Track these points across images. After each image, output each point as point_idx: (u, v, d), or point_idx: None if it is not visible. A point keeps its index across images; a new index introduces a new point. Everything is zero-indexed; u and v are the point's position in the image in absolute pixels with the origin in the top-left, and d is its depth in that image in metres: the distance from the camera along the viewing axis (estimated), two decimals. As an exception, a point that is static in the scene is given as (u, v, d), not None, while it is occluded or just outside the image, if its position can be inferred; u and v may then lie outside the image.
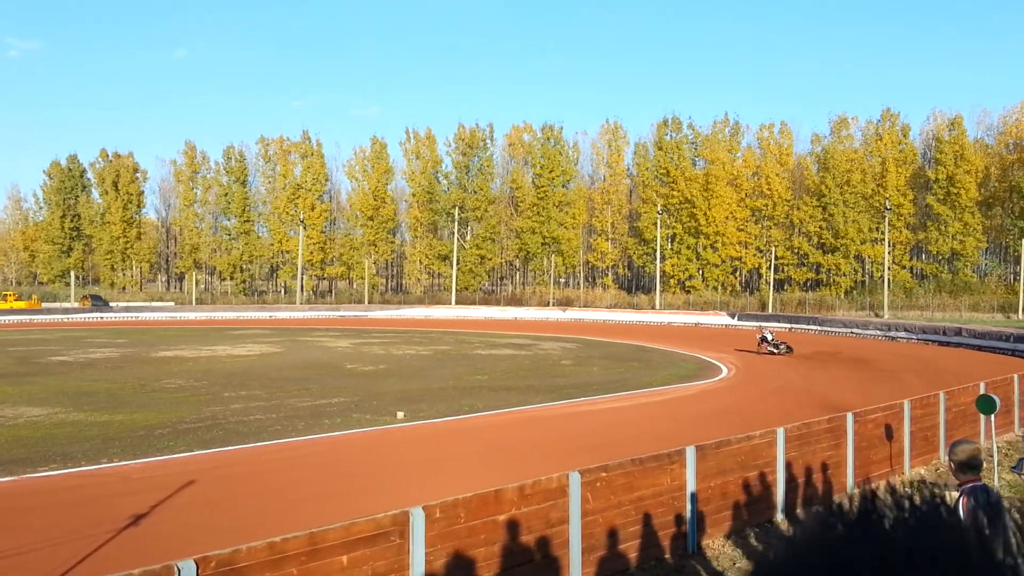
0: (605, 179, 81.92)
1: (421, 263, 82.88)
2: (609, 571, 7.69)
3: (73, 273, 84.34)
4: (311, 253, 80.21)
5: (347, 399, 20.27)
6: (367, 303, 75.56)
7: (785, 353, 33.40)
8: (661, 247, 73.01)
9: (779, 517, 9.76)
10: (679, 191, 73.99)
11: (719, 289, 74.10)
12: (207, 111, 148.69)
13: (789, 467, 9.99)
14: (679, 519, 8.53)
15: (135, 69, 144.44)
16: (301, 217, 78.27)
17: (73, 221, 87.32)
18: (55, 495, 11.19)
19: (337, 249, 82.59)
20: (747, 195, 74.54)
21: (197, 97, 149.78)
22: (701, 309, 64.53)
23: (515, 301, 75.63)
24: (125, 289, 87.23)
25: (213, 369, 27.43)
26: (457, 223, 77.87)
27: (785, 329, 50.55)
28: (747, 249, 74.28)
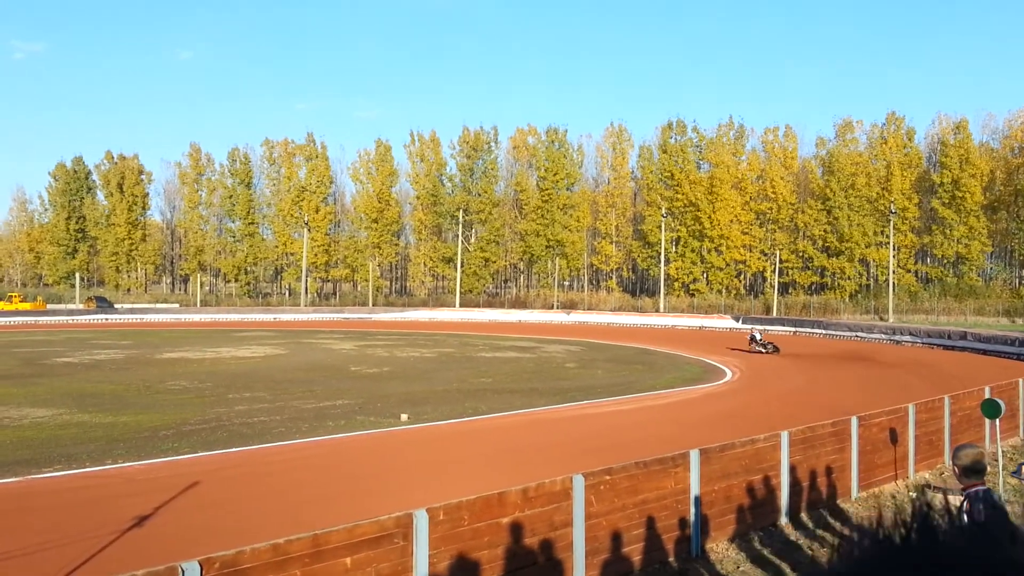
0: (609, 182, 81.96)
1: (425, 266, 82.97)
2: (613, 574, 7.68)
3: (78, 275, 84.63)
4: (315, 255, 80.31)
5: (351, 401, 20.29)
6: (371, 305, 75.61)
7: (772, 352, 35.80)
8: (665, 250, 72.96)
9: (783, 521, 9.74)
10: (683, 194, 73.93)
11: (723, 292, 74.00)
12: (212, 113, 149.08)
13: (793, 471, 9.97)
14: (683, 522, 8.53)
15: (140, 71, 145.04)
16: (305, 219, 78.39)
17: (78, 223, 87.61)
18: (60, 496, 11.22)
19: (341, 251, 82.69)
20: (752, 198, 74.44)
21: (202, 99, 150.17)
22: (705, 312, 64.50)
23: (519, 304, 75.67)
24: (130, 291, 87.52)
25: (217, 371, 27.48)
26: (461, 226, 77.92)
27: (789, 333, 50.54)
28: (751, 252, 74.19)
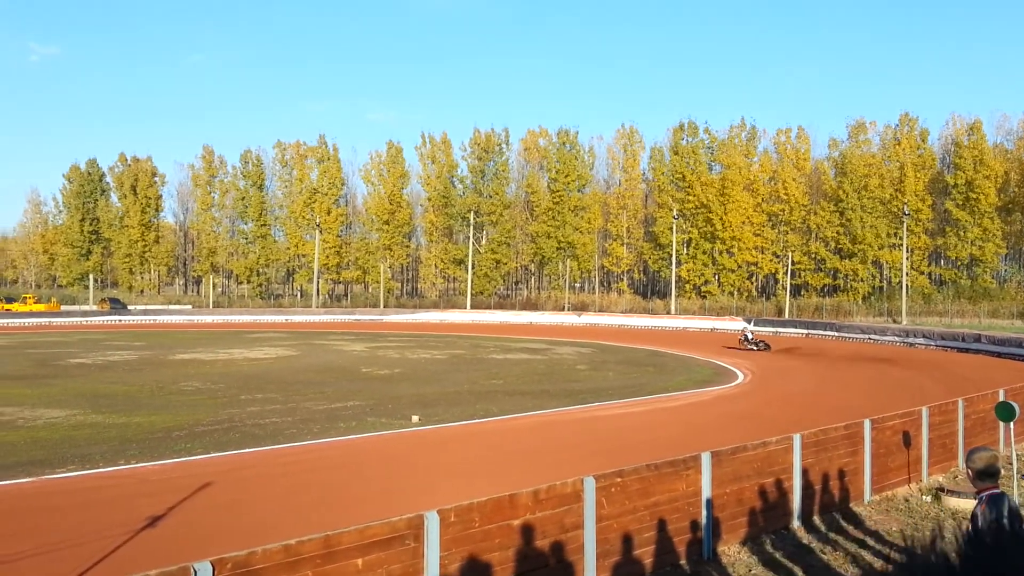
0: (621, 184, 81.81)
1: (436, 267, 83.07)
2: (624, 577, 7.66)
3: (92, 276, 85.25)
4: (327, 257, 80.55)
5: (362, 403, 20.33)
6: (382, 307, 75.74)
7: (763, 349, 38.52)
8: (677, 252, 72.78)
9: (795, 524, 9.69)
10: (695, 196, 73.72)
11: (735, 294, 73.74)
12: (224, 116, 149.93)
13: (806, 474, 9.92)
14: (694, 525, 8.50)
15: (153, 74, 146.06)
16: (317, 221, 78.65)
17: (92, 225, 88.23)
18: (74, 496, 11.30)
19: (353, 253, 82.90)
20: (764, 200, 74.15)
21: (214, 102, 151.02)
22: (717, 314, 64.29)
23: (530, 305, 75.62)
24: (143, 292, 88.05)
25: (230, 372, 27.60)
26: (472, 227, 77.95)
27: (802, 335, 50.37)
28: (763, 254, 73.89)
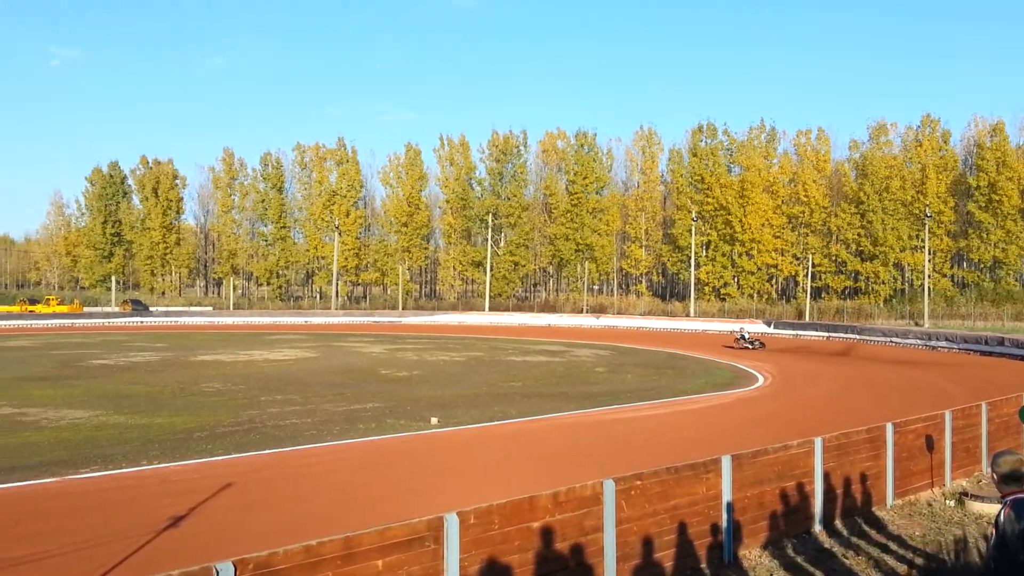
0: (639, 186, 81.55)
1: (455, 269, 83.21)
2: (643, 580, 7.62)
3: (114, 278, 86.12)
4: (346, 259, 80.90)
5: (381, 404, 20.39)
6: (401, 309, 75.99)
7: (758, 348, 40.40)
8: (696, 254, 72.47)
9: (817, 528, 9.61)
10: (714, 198, 73.34)
11: (755, 297, 73.33)
12: (244, 118, 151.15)
13: (827, 477, 9.83)
14: (715, 528, 8.44)
15: (174, 77, 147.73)
16: (336, 223, 79.04)
17: (114, 227, 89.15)
18: (96, 496, 11.41)
19: (371, 255, 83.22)
20: (783, 202, 73.66)
21: (235, 105, 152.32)
22: (736, 317, 63.87)
23: (548, 308, 75.53)
24: (164, 294, 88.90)
25: (250, 373, 27.78)
26: (491, 229, 78.01)
27: (823, 338, 50.01)
28: (783, 256, 73.41)
